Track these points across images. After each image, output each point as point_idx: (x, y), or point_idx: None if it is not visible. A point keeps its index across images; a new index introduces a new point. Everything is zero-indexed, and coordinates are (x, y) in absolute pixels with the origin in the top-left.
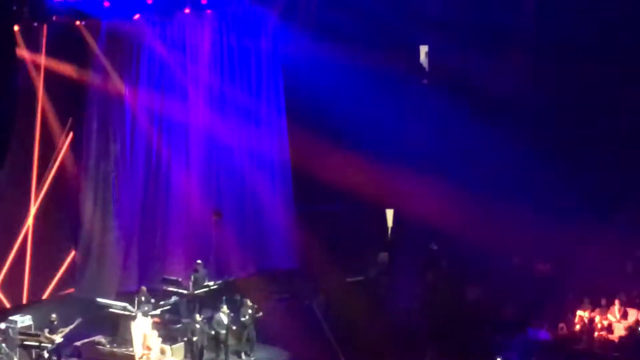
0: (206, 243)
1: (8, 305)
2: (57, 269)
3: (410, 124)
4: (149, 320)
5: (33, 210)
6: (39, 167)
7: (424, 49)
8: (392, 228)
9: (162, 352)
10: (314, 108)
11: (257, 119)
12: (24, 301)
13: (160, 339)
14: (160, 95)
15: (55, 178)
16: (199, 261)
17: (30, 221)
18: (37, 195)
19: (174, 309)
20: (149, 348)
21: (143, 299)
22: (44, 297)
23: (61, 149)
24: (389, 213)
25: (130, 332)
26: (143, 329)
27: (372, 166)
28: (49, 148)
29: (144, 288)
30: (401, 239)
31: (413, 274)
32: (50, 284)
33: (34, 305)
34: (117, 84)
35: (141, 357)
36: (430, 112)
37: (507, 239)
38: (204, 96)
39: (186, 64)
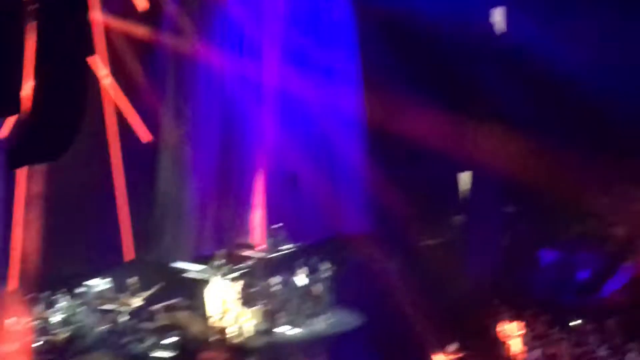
0: (282, 206)
1: (88, 268)
2: (134, 233)
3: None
4: (225, 284)
5: (112, 175)
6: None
7: None
8: (468, 190)
9: (239, 315)
10: (389, 64)
11: (332, 78)
12: (102, 265)
13: (239, 302)
14: (233, 54)
15: (131, 142)
16: (276, 225)
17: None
18: (114, 159)
19: (250, 273)
20: (226, 312)
21: (220, 262)
22: (122, 261)
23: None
24: (465, 175)
25: (206, 297)
26: (219, 293)
27: (450, 126)
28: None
29: (221, 252)
30: (477, 201)
31: (489, 237)
32: (128, 248)
33: (112, 269)
34: (190, 44)
35: (218, 321)
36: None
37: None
38: (279, 54)
39: (260, 19)
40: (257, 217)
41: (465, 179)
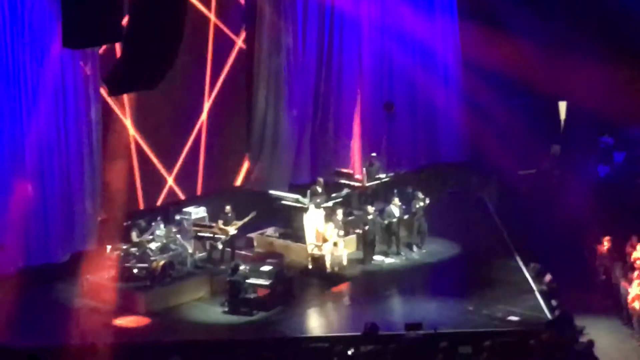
0: (378, 136)
1: (182, 197)
2: (231, 162)
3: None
4: (322, 212)
5: (207, 104)
6: (213, 60)
7: None
8: (565, 120)
9: (336, 244)
10: None
11: (428, 9)
12: (198, 193)
13: (337, 231)
14: None
15: (229, 71)
16: (373, 154)
17: (204, 115)
18: (211, 89)
19: (346, 202)
20: (325, 240)
21: (319, 190)
22: (219, 188)
23: (235, 43)
24: (562, 105)
25: (303, 225)
26: (316, 221)
27: (546, 57)
28: (222, 42)
29: (320, 180)
30: (574, 131)
31: (586, 167)
32: (225, 176)
33: (208, 197)
34: None
35: (315, 249)
36: None
37: None
38: None
39: None
40: (354, 145)
41: (562, 109)
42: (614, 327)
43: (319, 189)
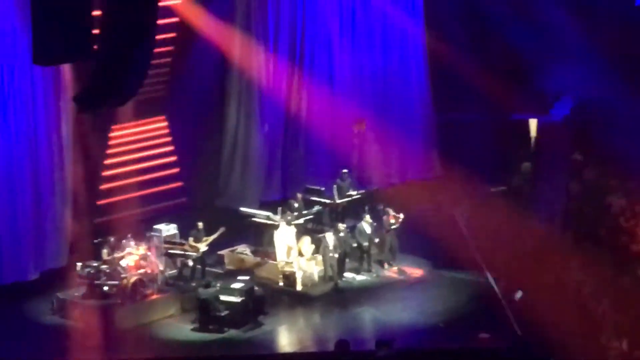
0: (349, 152)
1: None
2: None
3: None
4: (293, 230)
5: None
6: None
7: None
8: (535, 137)
9: (306, 261)
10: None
11: (399, 26)
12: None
13: (306, 248)
14: (302, 3)
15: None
16: (345, 170)
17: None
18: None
19: (317, 219)
20: (301, 254)
21: (296, 206)
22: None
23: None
24: (533, 122)
25: (274, 242)
26: (287, 239)
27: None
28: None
29: (299, 195)
30: (545, 148)
31: (557, 184)
32: (194, 192)
33: (178, 213)
34: None
35: (285, 266)
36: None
37: None
38: (346, 3)
39: None
40: (325, 162)
41: (532, 126)
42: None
43: (296, 205)
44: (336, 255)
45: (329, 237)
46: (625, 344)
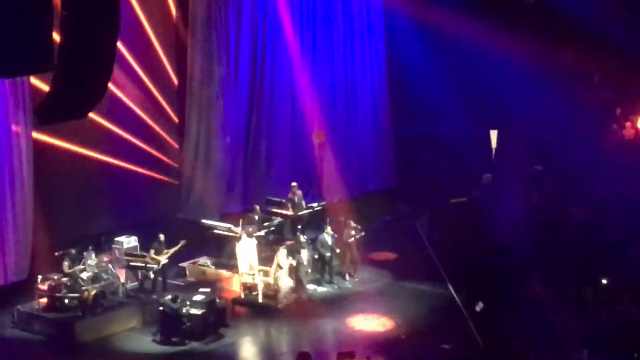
0: (310, 165)
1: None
2: (161, 191)
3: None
4: (254, 242)
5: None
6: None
7: None
8: (496, 148)
9: (268, 273)
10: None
11: (358, 40)
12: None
13: (267, 260)
14: (263, 17)
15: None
16: (294, 183)
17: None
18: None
19: (279, 231)
20: (279, 267)
21: (256, 217)
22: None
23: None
24: (493, 133)
25: (236, 254)
26: (248, 251)
27: (477, 84)
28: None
29: (256, 207)
30: (505, 159)
31: (517, 195)
32: (155, 206)
33: (140, 226)
34: (221, 7)
35: (247, 278)
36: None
37: (614, 162)
38: (307, 18)
39: None
40: (286, 174)
41: (493, 137)
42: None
43: (256, 217)
44: (309, 270)
45: (304, 253)
46: (586, 354)
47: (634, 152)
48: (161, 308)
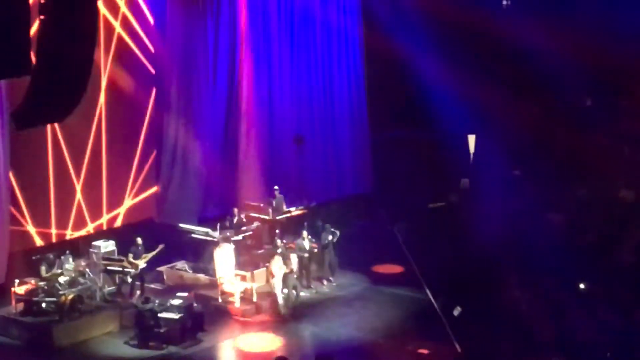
0: (287, 169)
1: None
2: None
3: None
4: (231, 246)
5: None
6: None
7: None
8: (474, 153)
9: (246, 277)
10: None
11: (336, 44)
12: (105, 227)
13: (245, 265)
14: (240, 21)
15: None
16: (276, 187)
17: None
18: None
19: (256, 235)
20: (272, 275)
21: (234, 221)
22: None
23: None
24: (471, 138)
25: (213, 258)
26: (226, 255)
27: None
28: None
29: (235, 210)
30: (483, 164)
31: (495, 200)
32: (131, 209)
33: (117, 230)
34: (198, 11)
35: (224, 282)
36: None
37: (591, 165)
38: (284, 20)
39: None
40: (263, 179)
41: (471, 142)
42: None
43: (235, 220)
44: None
45: (293, 259)
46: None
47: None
48: (138, 312)
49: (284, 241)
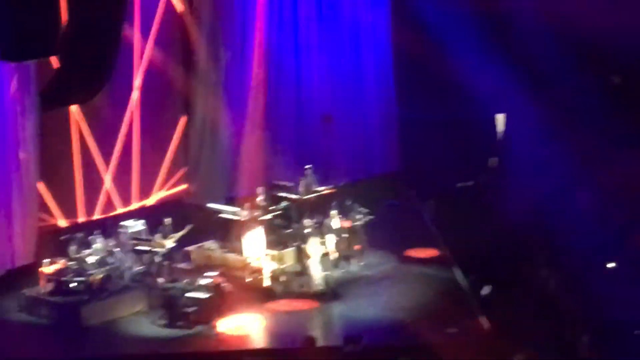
0: (315, 148)
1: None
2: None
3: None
4: (260, 226)
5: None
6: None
7: None
8: (503, 132)
9: (274, 257)
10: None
11: (364, 23)
12: (137, 206)
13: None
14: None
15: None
16: (308, 166)
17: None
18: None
19: (285, 215)
20: (307, 257)
21: (254, 204)
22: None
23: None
24: (500, 117)
25: (242, 238)
26: (254, 235)
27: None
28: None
29: (263, 190)
30: (512, 143)
31: (525, 179)
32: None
33: (146, 210)
34: None
35: (253, 262)
36: None
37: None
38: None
39: None
40: (291, 158)
41: (500, 121)
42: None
43: (263, 199)
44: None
45: (329, 239)
46: (586, 339)
47: None
48: (166, 292)
49: (312, 221)
